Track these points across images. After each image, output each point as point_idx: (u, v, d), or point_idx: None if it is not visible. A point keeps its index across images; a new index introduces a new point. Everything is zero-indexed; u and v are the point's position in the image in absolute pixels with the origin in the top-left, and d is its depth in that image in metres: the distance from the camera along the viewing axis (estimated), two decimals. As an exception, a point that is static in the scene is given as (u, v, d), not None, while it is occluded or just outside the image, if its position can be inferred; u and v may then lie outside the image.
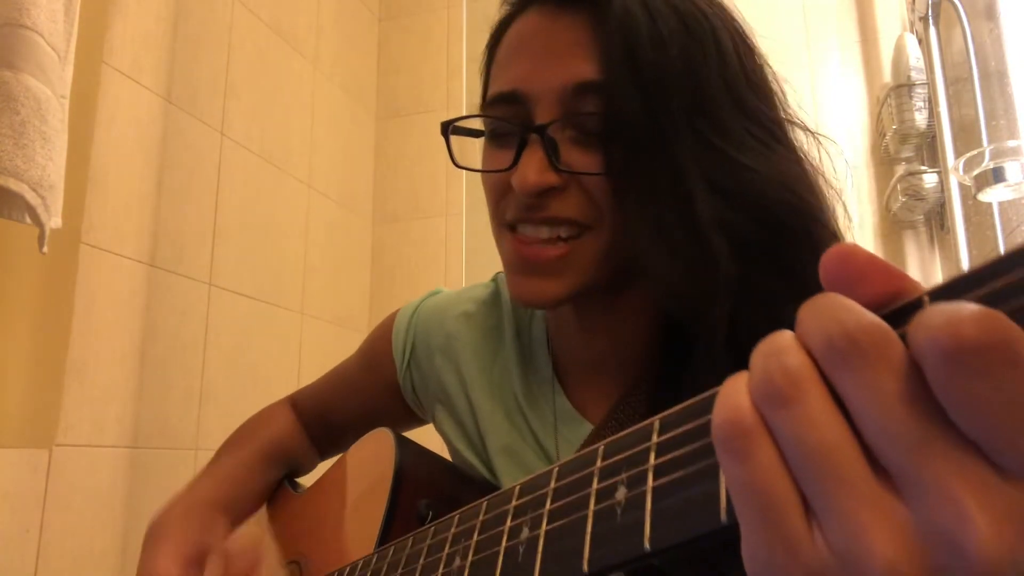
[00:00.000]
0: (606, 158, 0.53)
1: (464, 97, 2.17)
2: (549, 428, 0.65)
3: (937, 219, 1.82)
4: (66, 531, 1.22)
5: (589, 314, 0.62)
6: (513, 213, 0.57)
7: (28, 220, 1.00)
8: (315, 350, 1.92)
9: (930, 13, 1.71)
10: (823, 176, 0.56)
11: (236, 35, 1.71)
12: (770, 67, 0.58)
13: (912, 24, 1.85)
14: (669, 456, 0.29)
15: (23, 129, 0.96)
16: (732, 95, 0.53)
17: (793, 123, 0.57)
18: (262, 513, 0.82)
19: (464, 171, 2.29)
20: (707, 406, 0.28)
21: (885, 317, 0.22)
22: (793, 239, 0.50)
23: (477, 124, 0.62)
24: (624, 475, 0.31)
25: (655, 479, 0.29)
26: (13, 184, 0.95)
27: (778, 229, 0.50)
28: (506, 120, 0.57)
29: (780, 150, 0.54)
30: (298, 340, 1.87)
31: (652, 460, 0.30)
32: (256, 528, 0.75)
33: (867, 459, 0.21)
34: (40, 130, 0.98)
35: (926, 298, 0.22)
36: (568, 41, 0.55)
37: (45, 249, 1.02)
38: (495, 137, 0.59)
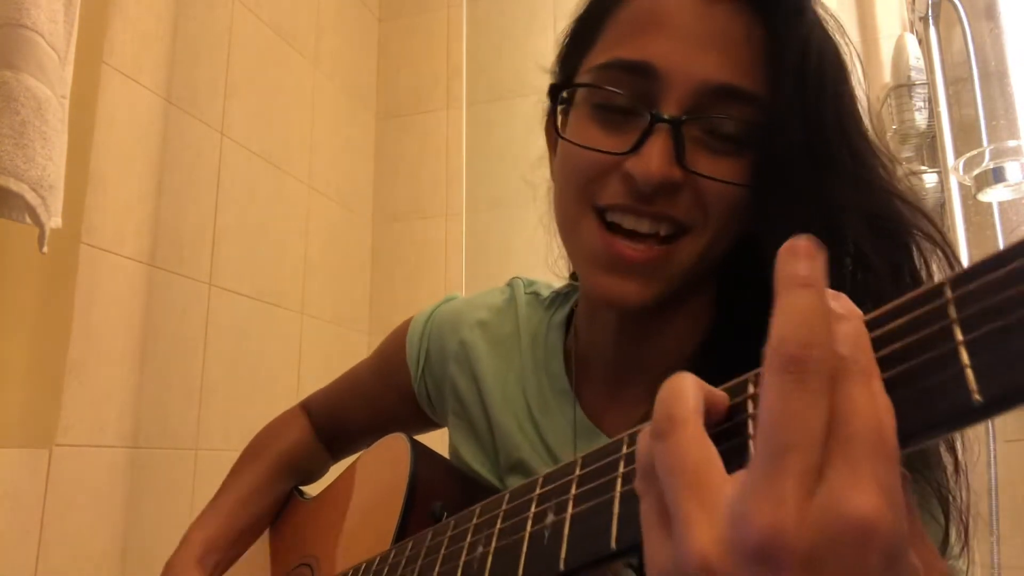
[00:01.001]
0: (754, 170, 0.51)
1: (464, 97, 2.17)
2: (565, 441, 0.63)
3: (937, 219, 1.81)
4: (66, 531, 1.22)
5: (635, 321, 0.59)
6: (612, 199, 0.53)
7: (28, 220, 1.00)
8: (315, 350, 1.92)
9: (930, 13, 1.71)
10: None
11: (236, 35, 1.71)
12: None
13: (912, 24, 1.85)
14: None
15: (23, 129, 0.96)
16: (858, 121, 0.53)
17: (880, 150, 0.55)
18: (266, 532, 0.84)
19: (464, 171, 2.28)
20: (738, 389, 0.31)
21: (910, 302, 0.26)
22: (912, 252, 0.51)
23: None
24: None
25: None
26: (13, 184, 0.95)
27: (903, 245, 0.50)
28: (631, 96, 0.52)
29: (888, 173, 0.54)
30: (298, 340, 1.87)
31: None
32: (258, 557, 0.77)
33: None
34: (40, 130, 0.98)
35: (948, 283, 0.25)
36: (723, 34, 0.51)
37: (45, 249, 1.02)
38: (607, 110, 0.54)
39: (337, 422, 0.85)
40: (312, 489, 0.86)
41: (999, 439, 1.54)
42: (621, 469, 0.34)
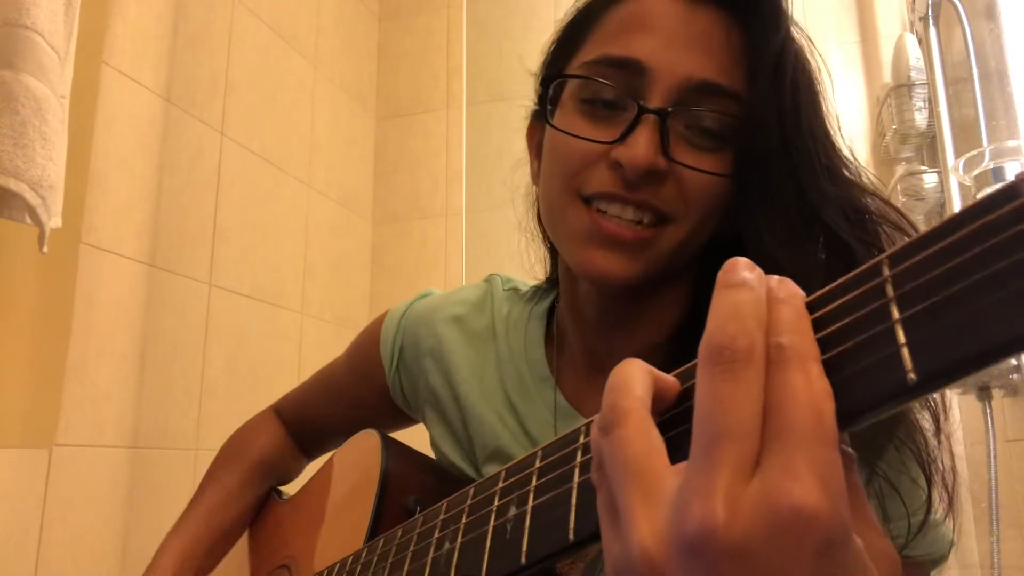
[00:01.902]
0: (734, 164, 0.54)
1: (464, 97, 2.17)
2: (546, 427, 0.64)
3: (937, 219, 1.81)
4: (66, 531, 1.22)
5: (616, 307, 0.61)
6: (599, 188, 0.55)
7: (28, 220, 1.00)
8: (315, 350, 1.92)
9: (930, 13, 1.71)
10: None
11: (236, 35, 1.71)
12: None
13: (912, 24, 1.85)
14: None
15: (23, 129, 0.96)
16: (825, 123, 0.57)
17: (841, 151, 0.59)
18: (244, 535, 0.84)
19: (464, 170, 2.27)
20: (689, 374, 0.30)
21: (851, 281, 0.26)
22: (882, 242, 0.53)
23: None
24: None
25: None
26: (13, 184, 0.95)
27: (873, 234, 0.53)
28: (618, 88, 0.55)
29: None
30: (298, 340, 1.87)
31: None
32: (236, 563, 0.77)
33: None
34: (40, 130, 0.98)
35: (885, 260, 0.25)
36: (706, 36, 0.55)
37: (45, 249, 1.02)
38: (593, 104, 0.56)
39: (311, 422, 0.85)
40: (291, 488, 0.86)
41: (999, 439, 1.54)
42: (579, 459, 0.34)
